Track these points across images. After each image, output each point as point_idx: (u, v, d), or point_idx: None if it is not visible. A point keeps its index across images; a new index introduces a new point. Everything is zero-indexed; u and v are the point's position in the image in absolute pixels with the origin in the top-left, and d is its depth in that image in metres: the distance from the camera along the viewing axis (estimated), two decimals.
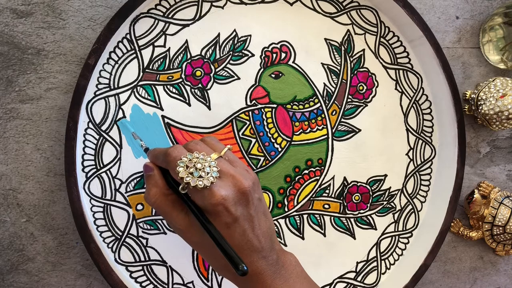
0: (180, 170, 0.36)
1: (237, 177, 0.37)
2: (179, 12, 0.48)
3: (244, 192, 0.36)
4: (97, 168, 0.47)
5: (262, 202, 0.39)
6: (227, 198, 0.35)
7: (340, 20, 0.53)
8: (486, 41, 0.57)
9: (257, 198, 0.38)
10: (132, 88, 0.47)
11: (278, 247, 0.40)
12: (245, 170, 0.39)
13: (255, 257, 0.37)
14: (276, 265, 0.38)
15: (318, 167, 0.53)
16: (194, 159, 0.36)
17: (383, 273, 0.56)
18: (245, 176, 0.37)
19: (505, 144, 0.60)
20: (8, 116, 0.47)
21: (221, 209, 0.35)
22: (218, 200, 0.35)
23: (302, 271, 0.41)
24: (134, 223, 0.48)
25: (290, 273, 0.39)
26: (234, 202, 0.36)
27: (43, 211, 0.48)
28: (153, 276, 0.49)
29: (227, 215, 0.35)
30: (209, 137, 0.42)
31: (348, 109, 0.54)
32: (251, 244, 0.37)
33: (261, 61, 0.51)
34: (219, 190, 0.35)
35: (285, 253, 0.40)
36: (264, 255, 0.37)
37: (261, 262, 0.37)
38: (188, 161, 0.36)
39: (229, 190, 0.36)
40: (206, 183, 0.35)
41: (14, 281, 0.48)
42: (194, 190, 0.36)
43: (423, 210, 0.57)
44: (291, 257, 0.41)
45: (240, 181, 0.37)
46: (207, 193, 0.35)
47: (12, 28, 0.46)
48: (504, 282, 0.62)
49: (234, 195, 0.36)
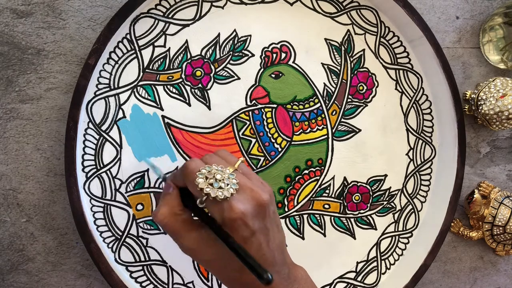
0: (200, 181, 0.35)
1: (255, 190, 0.36)
2: (179, 12, 0.48)
3: (262, 205, 0.36)
4: (97, 168, 0.47)
5: (276, 214, 0.39)
6: (246, 212, 0.35)
7: (340, 20, 0.53)
8: (486, 41, 0.57)
9: (272, 211, 0.38)
10: (132, 88, 0.47)
11: (289, 261, 0.40)
12: (261, 183, 0.39)
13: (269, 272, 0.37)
14: (288, 279, 0.38)
15: (318, 167, 0.53)
16: (213, 170, 0.36)
17: (383, 273, 0.56)
18: (262, 189, 0.37)
19: (505, 144, 0.60)
20: (8, 116, 0.47)
21: (239, 223, 0.35)
22: (238, 214, 0.34)
23: (312, 284, 0.41)
24: (134, 223, 0.48)
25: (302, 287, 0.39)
26: (252, 216, 0.35)
27: (43, 211, 0.48)
28: (153, 276, 0.49)
29: (245, 230, 0.35)
30: (221, 150, 0.42)
31: (348, 109, 0.54)
32: (265, 259, 0.36)
33: (261, 61, 0.51)
34: (238, 204, 0.35)
35: (295, 267, 0.40)
36: (277, 269, 0.37)
37: (275, 277, 0.37)
38: (207, 173, 0.36)
39: (247, 204, 0.35)
40: (227, 194, 0.35)
41: (14, 281, 0.48)
42: (213, 203, 0.35)
43: (423, 210, 0.57)
44: (302, 271, 0.41)
45: (258, 194, 0.36)
46: (226, 206, 0.35)
47: (12, 28, 0.46)
48: (504, 282, 0.62)
49: (252, 209, 0.35)
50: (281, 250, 0.38)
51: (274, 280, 0.36)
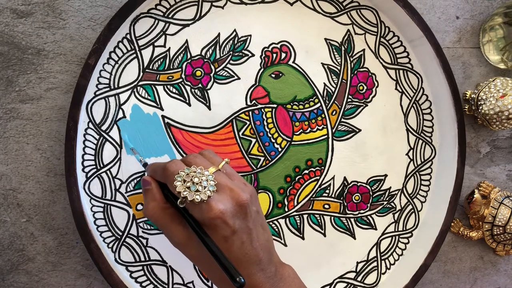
0: (178, 184, 0.36)
1: (234, 190, 0.37)
2: (179, 12, 0.48)
3: (242, 204, 0.36)
4: (97, 168, 0.47)
5: (260, 214, 0.39)
6: (225, 211, 0.35)
7: (340, 20, 0.53)
8: (486, 41, 0.57)
9: (254, 210, 0.38)
10: (132, 88, 0.47)
11: (277, 260, 0.40)
12: (243, 183, 0.39)
13: (254, 270, 0.37)
14: (275, 278, 0.38)
15: (318, 167, 0.53)
16: (191, 173, 0.36)
17: (383, 273, 0.56)
18: (242, 189, 0.37)
19: (505, 144, 0.60)
20: (8, 116, 0.47)
21: (219, 222, 0.35)
22: (216, 213, 0.35)
23: (300, 283, 0.41)
24: (134, 223, 0.48)
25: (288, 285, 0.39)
26: (232, 215, 0.36)
27: (43, 211, 0.48)
28: (153, 276, 0.49)
29: (225, 228, 0.35)
30: (207, 151, 0.42)
31: (348, 109, 0.54)
32: (249, 257, 0.37)
33: (261, 61, 0.51)
34: (217, 203, 0.35)
35: (283, 266, 0.40)
36: (262, 267, 0.37)
37: (260, 275, 0.37)
38: (185, 175, 0.36)
39: (226, 203, 0.36)
40: (203, 197, 0.35)
41: (14, 281, 0.48)
42: (192, 204, 0.36)
43: (423, 210, 0.57)
44: (290, 270, 0.41)
45: (238, 194, 0.37)
46: (204, 206, 0.35)
47: (12, 28, 0.46)
48: (504, 282, 0.62)
49: (232, 208, 0.36)
50: (267, 249, 0.39)
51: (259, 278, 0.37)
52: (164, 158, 0.48)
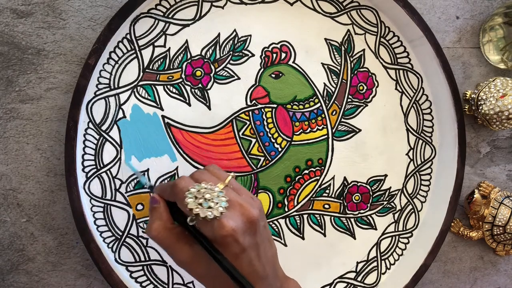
0: (189, 201, 0.35)
1: (244, 206, 0.36)
2: (179, 12, 0.48)
3: (252, 221, 0.36)
4: (97, 168, 0.47)
5: (266, 229, 0.39)
6: (236, 228, 0.35)
7: (340, 20, 0.53)
8: (486, 41, 0.57)
9: (262, 225, 0.38)
10: (132, 88, 0.47)
11: (281, 274, 0.40)
12: (251, 198, 0.39)
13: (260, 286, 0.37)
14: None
15: (318, 167, 0.53)
16: (202, 189, 0.36)
17: (383, 273, 0.56)
18: (252, 205, 0.37)
19: (505, 144, 0.60)
20: (8, 116, 0.47)
21: (230, 240, 0.35)
22: (228, 231, 0.34)
23: None
24: (134, 223, 0.48)
25: None
26: (242, 232, 0.35)
27: (43, 211, 0.48)
28: (153, 276, 0.49)
29: (236, 246, 0.35)
30: (212, 166, 0.41)
31: (348, 109, 0.54)
32: (257, 273, 0.36)
33: (261, 61, 0.51)
34: (228, 221, 0.35)
35: (288, 280, 0.40)
36: (269, 283, 0.37)
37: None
38: (196, 192, 0.35)
39: (238, 221, 0.35)
40: (216, 213, 0.34)
41: (14, 281, 0.48)
42: (203, 221, 0.35)
43: (423, 210, 0.57)
44: (294, 284, 0.41)
45: (248, 210, 0.36)
46: (216, 224, 0.35)
47: (12, 28, 0.46)
48: (504, 282, 0.62)
49: (243, 225, 0.35)
50: (273, 264, 0.39)
51: None
52: (164, 158, 0.48)
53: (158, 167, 0.48)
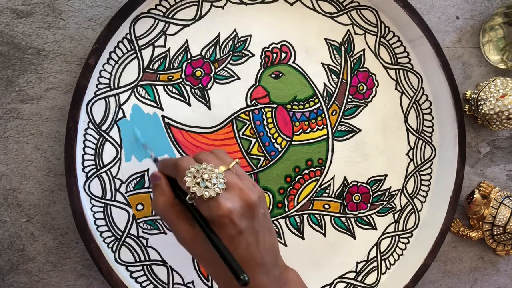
0: (187, 179, 0.36)
1: (244, 190, 0.37)
2: (179, 12, 0.48)
3: (250, 205, 0.36)
4: (97, 168, 0.47)
5: (267, 217, 0.39)
6: (233, 210, 0.35)
7: (340, 20, 0.53)
8: (486, 41, 0.57)
9: (262, 213, 0.38)
10: (132, 88, 0.47)
11: (281, 263, 0.40)
12: (252, 184, 0.39)
13: (257, 272, 0.37)
14: (279, 281, 0.38)
15: (318, 167, 0.53)
16: (201, 170, 0.36)
17: (383, 273, 0.56)
18: (252, 190, 0.37)
19: (505, 144, 0.60)
20: (8, 116, 0.47)
21: (226, 221, 0.35)
22: (224, 211, 0.35)
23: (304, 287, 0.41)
24: (134, 223, 0.48)
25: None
26: (240, 215, 0.36)
27: (43, 211, 0.48)
28: (153, 276, 0.49)
29: (232, 227, 0.35)
30: (219, 150, 0.42)
31: (348, 109, 0.54)
32: (254, 259, 0.36)
33: (261, 61, 0.51)
34: (225, 202, 0.35)
35: (287, 270, 0.40)
36: (266, 270, 0.37)
37: (263, 278, 0.37)
38: (195, 172, 0.36)
39: (235, 203, 0.36)
40: (212, 193, 0.35)
41: (14, 281, 0.48)
42: (201, 200, 0.36)
43: (423, 210, 0.57)
44: (294, 274, 0.41)
45: (247, 194, 0.36)
46: (213, 204, 0.35)
47: (12, 28, 0.46)
48: (504, 282, 0.62)
49: (240, 208, 0.36)
50: (272, 252, 0.39)
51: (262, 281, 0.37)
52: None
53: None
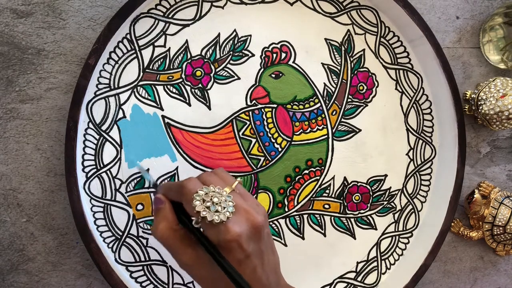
0: (197, 203, 0.35)
1: (250, 212, 0.36)
2: (179, 12, 0.48)
3: (257, 228, 0.36)
4: (97, 168, 0.47)
5: (270, 236, 0.39)
6: (242, 234, 0.35)
7: (340, 20, 0.53)
8: (486, 41, 0.57)
9: (267, 232, 0.38)
10: (132, 88, 0.47)
11: (283, 283, 0.40)
12: (256, 204, 0.39)
13: None
14: None
15: (318, 167, 0.53)
16: (210, 192, 0.36)
17: (383, 273, 0.56)
18: (257, 211, 0.37)
19: (505, 144, 0.60)
20: (8, 116, 0.47)
21: (234, 245, 0.34)
22: (233, 236, 0.34)
23: None
24: (134, 223, 0.48)
25: None
26: (247, 238, 0.35)
27: (43, 211, 0.48)
28: (153, 276, 0.49)
29: (240, 252, 0.35)
30: (219, 169, 0.41)
31: (348, 109, 0.54)
32: (260, 281, 0.36)
33: (261, 61, 0.51)
34: (234, 226, 0.35)
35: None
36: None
37: None
38: (204, 195, 0.35)
39: (243, 226, 0.35)
40: (223, 218, 0.34)
41: (14, 281, 0.48)
42: (209, 225, 0.35)
43: (423, 210, 0.57)
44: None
45: (253, 216, 0.36)
46: (222, 228, 0.34)
47: (12, 28, 0.46)
48: (504, 282, 0.62)
49: (248, 231, 0.35)
50: (275, 272, 0.38)
51: None
52: (164, 158, 0.48)
53: (158, 167, 0.48)
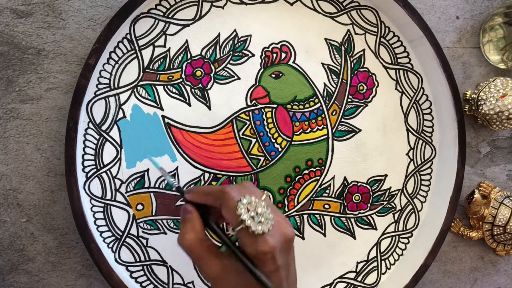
0: (242, 211, 0.35)
1: (284, 225, 0.36)
2: (179, 12, 0.48)
3: (289, 240, 0.36)
4: (97, 168, 0.47)
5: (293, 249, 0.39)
6: (276, 246, 0.35)
7: (340, 20, 0.53)
8: (487, 41, 0.57)
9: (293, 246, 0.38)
10: (132, 88, 0.47)
11: None
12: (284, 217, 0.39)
13: None
14: None
15: (318, 167, 0.53)
16: (253, 202, 0.35)
17: (383, 273, 0.56)
18: (289, 224, 0.37)
19: (506, 144, 0.60)
20: (9, 116, 0.47)
21: (269, 257, 0.35)
22: (270, 248, 0.34)
23: None
24: (134, 223, 0.48)
25: None
26: (279, 251, 0.35)
27: (43, 211, 0.48)
28: (153, 276, 0.49)
29: (272, 264, 0.35)
30: (248, 182, 0.41)
31: (348, 109, 0.54)
32: None
33: (261, 61, 0.51)
34: (271, 238, 0.35)
35: None
36: None
37: None
38: (248, 204, 0.35)
39: (277, 239, 0.35)
40: (265, 229, 0.34)
41: (14, 281, 0.48)
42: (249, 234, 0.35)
43: (423, 210, 0.57)
44: None
45: (286, 229, 0.36)
46: (260, 240, 0.35)
47: (13, 28, 0.46)
48: (504, 282, 0.62)
49: (281, 244, 0.36)
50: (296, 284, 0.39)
51: None
52: (164, 158, 0.48)
53: None
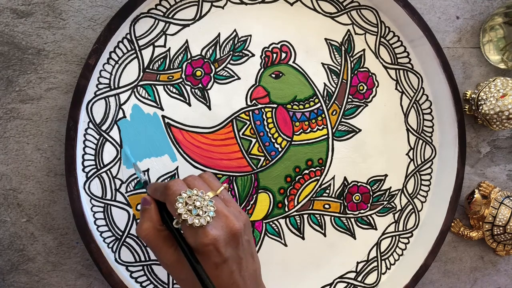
0: (179, 206, 0.36)
1: (230, 217, 0.37)
2: (179, 12, 0.48)
3: (235, 234, 0.37)
4: (97, 168, 0.47)
5: (250, 244, 0.40)
6: (219, 238, 0.36)
7: (340, 20, 0.53)
8: (487, 41, 0.57)
9: (246, 239, 0.39)
10: (132, 88, 0.47)
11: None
12: (238, 211, 0.40)
13: None
14: None
15: (319, 167, 0.53)
16: (193, 196, 0.37)
17: (383, 273, 0.56)
18: (237, 217, 0.38)
19: (506, 144, 0.60)
20: (9, 116, 0.47)
21: (211, 249, 0.35)
22: (210, 240, 0.35)
23: None
24: (134, 223, 0.48)
25: None
26: (224, 243, 0.36)
27: (44, 211, 0.48)
28: (153, 276, 0.49)
29: (217, 256, 0.36)
30: (207, 173, 0.42)
31: (348, 109, 0.54)
32: (237, 286, 0.37)
33: (261, 61, 0.51)
34: (212, 230, 0.36)
35: None
36: None
37: None
38: (187, 198, 0.36)
39: (220, 231, 0.36)
40: (203, 222, 0.35)
41: (14, 281, 0.48)
42: (188, 227, 0.36)
43: (423, 210, 0.57)
44: None
45: (232, 222, 0.37)
46: (200, 231, 0.36)
47: (13, 28, 0.46)
48: (504, 282, 0.62)
49: (225, 236, 0.36)
50: (255, 279, 0.39)
51: None
52: (164, 158, 0.48)
53: (158, 167, 0.48)
